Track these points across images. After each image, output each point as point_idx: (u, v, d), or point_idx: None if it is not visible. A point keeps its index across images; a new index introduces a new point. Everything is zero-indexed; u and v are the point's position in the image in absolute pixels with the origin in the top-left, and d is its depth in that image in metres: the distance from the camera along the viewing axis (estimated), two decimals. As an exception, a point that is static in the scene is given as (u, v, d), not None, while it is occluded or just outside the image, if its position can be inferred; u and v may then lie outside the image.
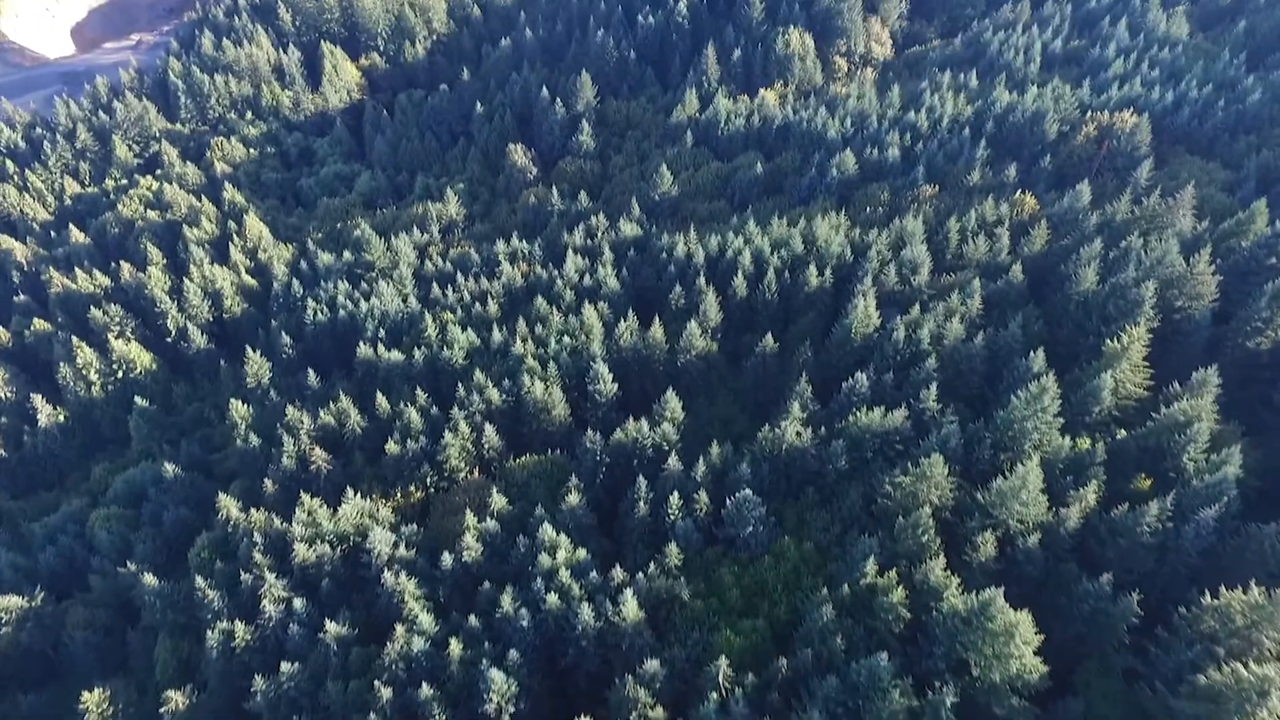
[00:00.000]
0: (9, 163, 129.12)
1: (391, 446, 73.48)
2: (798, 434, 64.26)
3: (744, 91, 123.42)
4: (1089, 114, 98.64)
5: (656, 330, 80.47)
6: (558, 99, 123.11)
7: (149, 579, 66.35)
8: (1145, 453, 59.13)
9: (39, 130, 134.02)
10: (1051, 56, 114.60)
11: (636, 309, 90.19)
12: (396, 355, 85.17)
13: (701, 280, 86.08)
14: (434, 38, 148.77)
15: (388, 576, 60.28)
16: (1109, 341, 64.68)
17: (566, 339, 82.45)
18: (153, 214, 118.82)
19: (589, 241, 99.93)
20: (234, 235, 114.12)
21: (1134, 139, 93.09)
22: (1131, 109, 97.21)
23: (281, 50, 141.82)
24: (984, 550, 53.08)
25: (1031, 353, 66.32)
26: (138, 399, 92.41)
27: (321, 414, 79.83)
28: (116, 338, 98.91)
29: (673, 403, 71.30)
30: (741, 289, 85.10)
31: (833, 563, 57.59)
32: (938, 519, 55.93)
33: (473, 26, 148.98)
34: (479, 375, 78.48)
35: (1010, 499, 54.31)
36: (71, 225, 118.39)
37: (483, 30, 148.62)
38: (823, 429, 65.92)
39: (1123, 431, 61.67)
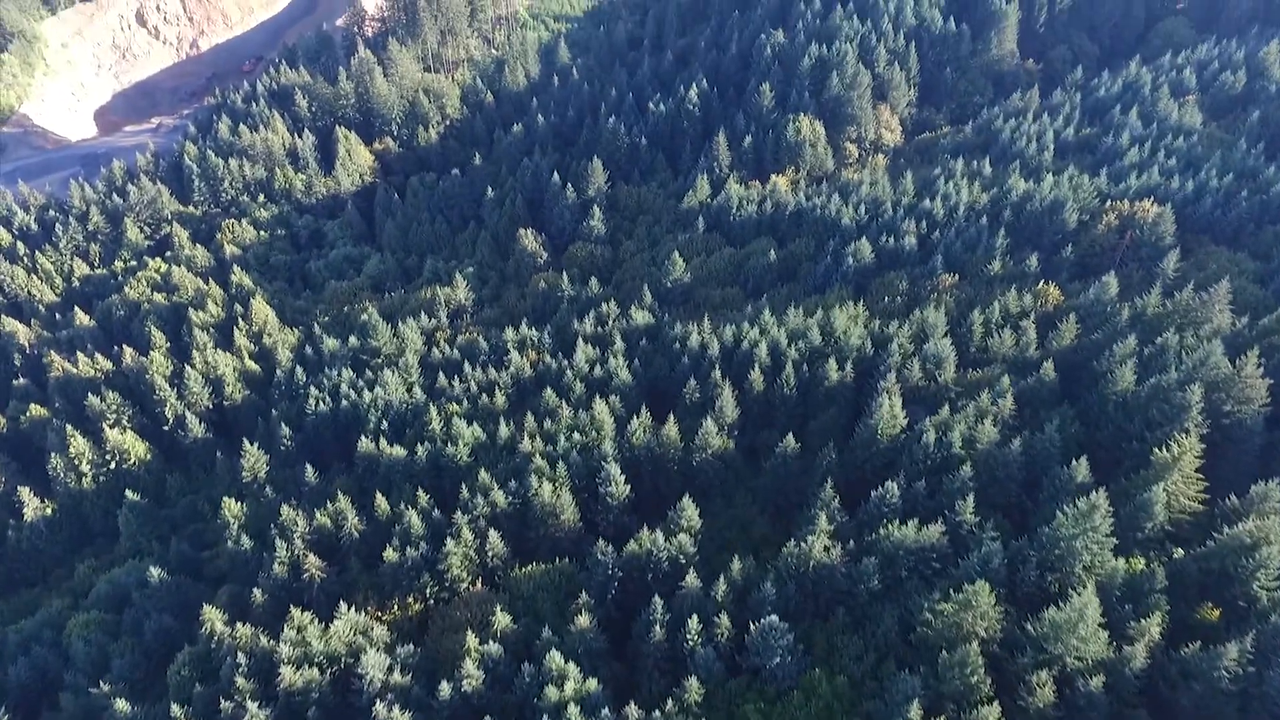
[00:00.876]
0: (20, 245, 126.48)
1: (390, 554, 67.72)
2: (825, 549, 58.50)
3: (755, 177, 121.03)
4: (1108, 203, 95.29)
5: (670, 428, 75.34)
6: (569, 184, 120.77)
7: (121, 704, 59.92)
8: (1208, 576, 53.17)
9: (52, 212, 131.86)
10: (1064, 144, 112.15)
11: (649, 401, 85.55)
12: (399, 451, 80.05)
13: (717, 373, 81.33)
14: (447, 122, 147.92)
15: (379, 709, 53.82)
16: (1157, 450, 59.31)
17: (576, 435, 77.37)
18: (159, 296, 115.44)
19: (600, 329, 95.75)
20: (239, 319, 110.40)
21: (1158, 229, 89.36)
22: (1152, 198, 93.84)
23: (297, 135, 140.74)
24: (1041, 694, 46.74)
25: (1074, 460, 60.97)
26: (129, 493, 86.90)
27: (318, 515, 74.35)
28: (112, 426, 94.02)
29: (689, 510, 65.72)
30: (758, 382, 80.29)
31: (869, 700, 51.17)
32: (985, 653, 49.73)
33: (485, 112, 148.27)
34: (484, 475, 73.14)
35: (1066, 632, 48.21)
36: (77, 308, 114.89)
37: (495, 115, 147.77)
38: (851, 543, 60.15)
39: (1180, 551, 55.80)
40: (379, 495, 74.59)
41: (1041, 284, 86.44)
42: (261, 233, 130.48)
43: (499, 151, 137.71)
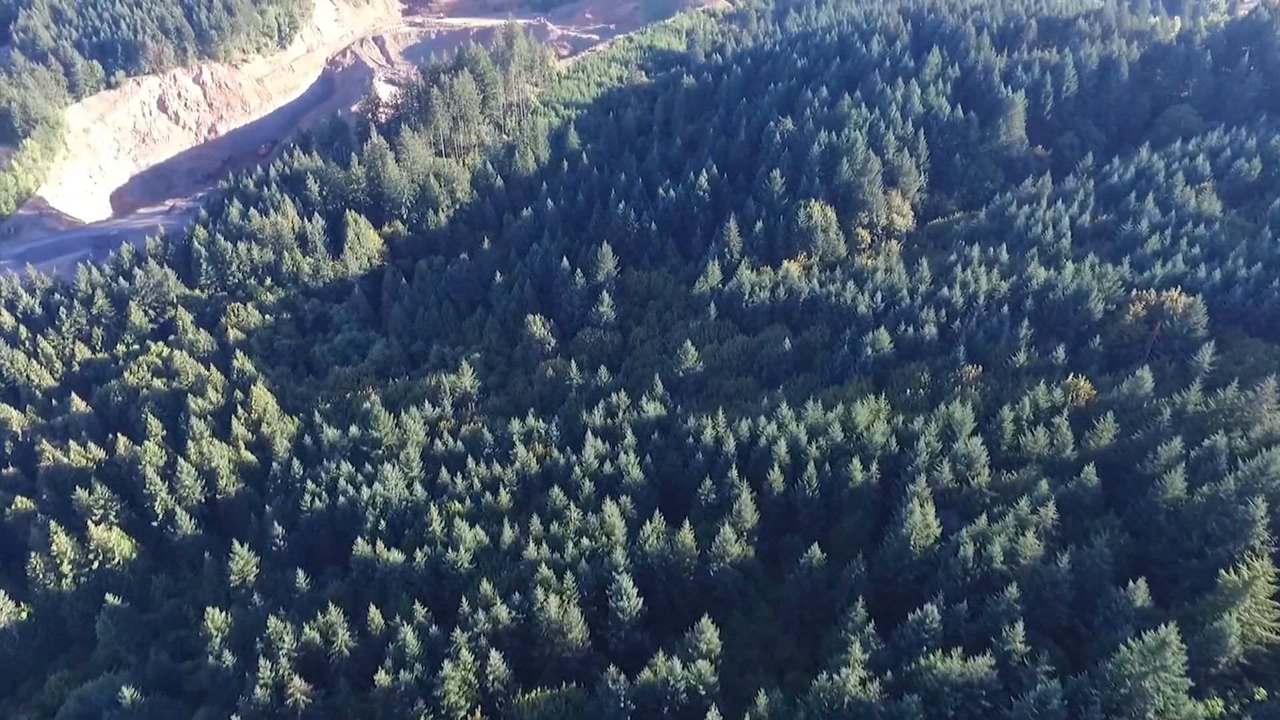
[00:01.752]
0: (23, 329, 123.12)
1: (382, 677, 61.21)
2: (861, 682, 52.02)
3: (767, 263, 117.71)
4: (1133, 292, 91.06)
5: (686, 534, 69.42)
6: (578, 269, 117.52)
7: None
8: (1297, 723, 46.64)
9: (57, 296, 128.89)
10: (1081, 231, 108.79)
11: (662, 499, 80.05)
12: (396, 556, 74.12)
13: (734, 472, 75.86)
14: (457, 206, 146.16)
15: None
16: (1225, 572, 53.29)
17: (585, 541, 71.47)
18: (159, 382, 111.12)
19: (609, 421, 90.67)
20: (239, 406, 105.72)
21: (1189, 320, 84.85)
22: (1179, 287, 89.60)
23: (306, 219, 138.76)
24: None
25: (1130, 581, 54.90)
26: (109, 596, 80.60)
27: (307, 628, 68.07)
28: (98, 523, 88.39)
29: (708, 632, 59.42)
30: (778, 483, 74.69)
31: None
32: (1053, 817, 42.94)
33: (495, 196, 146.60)
34: (486, 586, 67.04)
35: (1145, 795, 41.60)
36: (74, 394, 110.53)
37: (505, 199, 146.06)
38: (889, 674, 53.64)
39: (1262, 691, 49.22)
40: (373, 608, 68.34)
41: (1071, 377, 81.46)
42: (267, 316, 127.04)
43: (508, 236, 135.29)
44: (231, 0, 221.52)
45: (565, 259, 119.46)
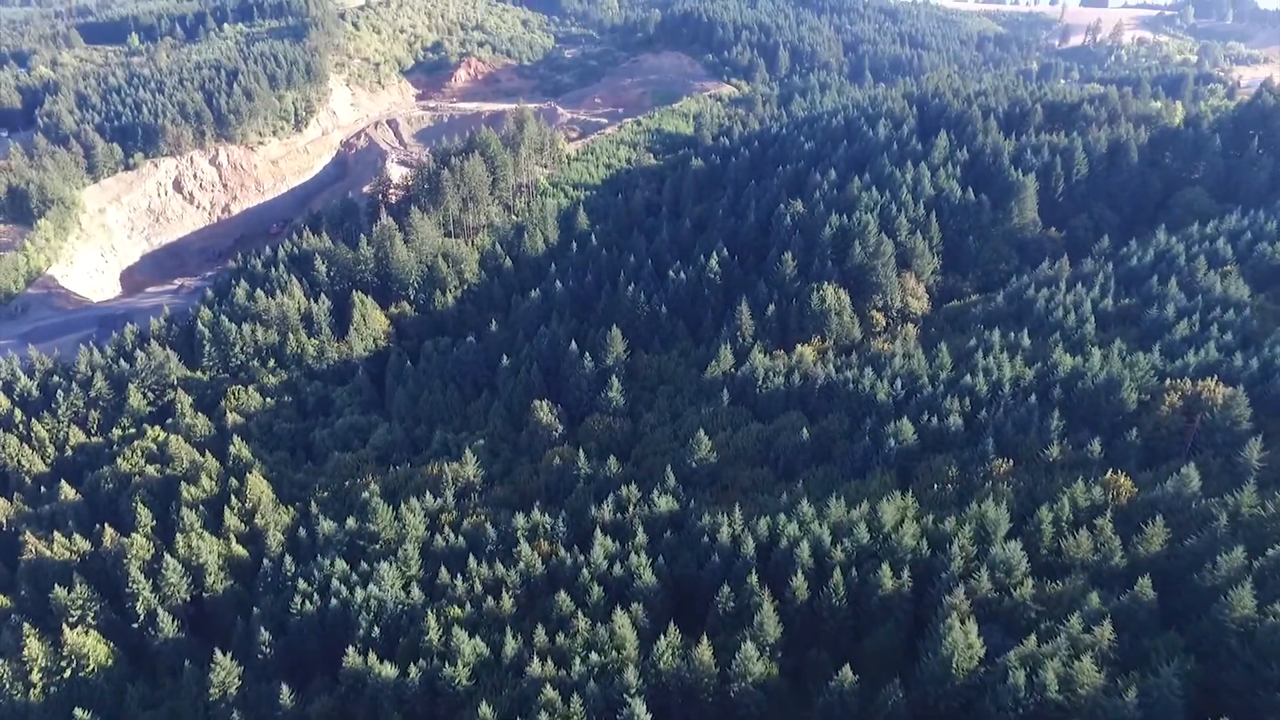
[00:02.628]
0: (18, 412, 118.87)
1: (366, 818, 54.24)
2: (910, 840, 45.09)
3: (780, 346, 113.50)
4: (1167, 381, 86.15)
5: (704, 650, 62.94)
6: (586, 353, 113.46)
7: None
8: None
9: (56, 378, 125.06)
10: (1103, 315, 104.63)
11: (676, 605, 73.81)
12: (389, 670, 67.49)
13: (753, 578, 69.71)
14: (465, 287, 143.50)
15: None
16: (1316, 711, 46.82)
17: (594, 656, 64.97)
18: (152, 469, 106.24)
19: (619, 516, 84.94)
20: (233, 495, 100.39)
21: (1230, 412, 79.63)
22: (1214, 376, 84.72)
23: (313, 299, 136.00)
24: None
25: (1207, 720, 48.39)
26: (79, 711, 73.66)
27: (287, 755, 61.19)
28: (74, 625, 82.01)
29: (732, 770, 52.63)
30: (802, 590, 68.44)
31: None
32: None
33: (504, 276, 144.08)
34: (485, 710, 60.32)
35: None
36: (64, 481, 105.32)
37: (513, 280, 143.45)
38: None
39: None
40: (360, 732, 61.64)
41: (1110, 473, 75.82)
42: (268, 399, 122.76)
43: (516, 317, 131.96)
44: (251, 86, 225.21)
45: (574, 342, 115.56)
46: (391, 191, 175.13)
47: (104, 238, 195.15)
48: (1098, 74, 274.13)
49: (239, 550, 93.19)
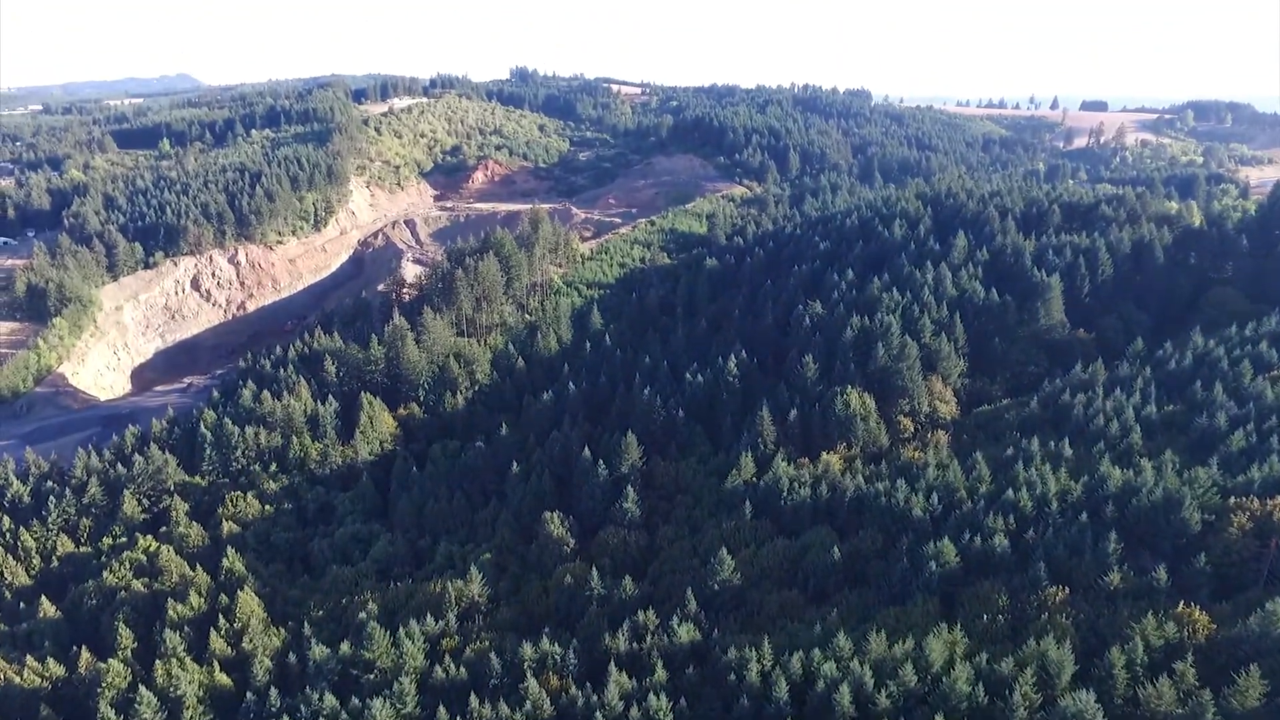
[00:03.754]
0: (6, 519, 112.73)
1: None
2: None
3: (803, 454, 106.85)
4: (1232, 499, 78.70)
5: (736, 823, 54.24)
6: (600, 460, 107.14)
7: None
8: None
9: (50, 483, 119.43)
10: (1148, 423, 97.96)
11: (700, 755, 64.87)
12: (374, 837, 58.74)
13: (789, 729, 61.35)
14: (476, 388, 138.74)
15: None
16: None
17: (608, 826, 56.16)
18: (139, 583, 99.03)
19: (635, 646, 76.81)
20: (221, 614, 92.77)
21: (1307, 535, 71.90)
22: (1283, 494, 77.32)
23: (320, 401, 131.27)
24: None
25: None
26: None
27: None
28: (32, 770, 73.68)
29: None
30: (844, 744, 59.91)
31: None
32: None
33: (515, 377, 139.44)
34: None
35: None
36: (44, 597, 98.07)
37: (525, 380, 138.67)
38: None
39: None
40: None
41: (1181, 606, 67.64)
42: (267, 506, 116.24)
43: (527, 419, 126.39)
44: (273, 188, 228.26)
45: (586, 448, 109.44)
46: (405, 290, 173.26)
47: (118, 335, 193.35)
48: (1105, 174, 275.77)
49: (222, 680, 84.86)
